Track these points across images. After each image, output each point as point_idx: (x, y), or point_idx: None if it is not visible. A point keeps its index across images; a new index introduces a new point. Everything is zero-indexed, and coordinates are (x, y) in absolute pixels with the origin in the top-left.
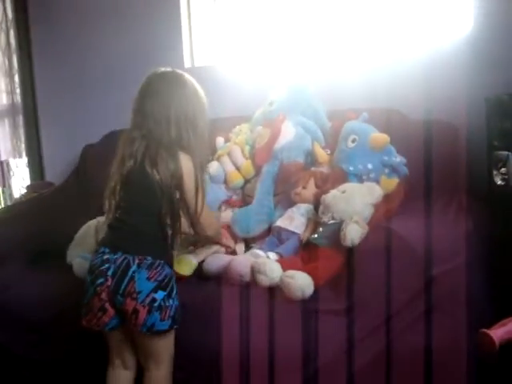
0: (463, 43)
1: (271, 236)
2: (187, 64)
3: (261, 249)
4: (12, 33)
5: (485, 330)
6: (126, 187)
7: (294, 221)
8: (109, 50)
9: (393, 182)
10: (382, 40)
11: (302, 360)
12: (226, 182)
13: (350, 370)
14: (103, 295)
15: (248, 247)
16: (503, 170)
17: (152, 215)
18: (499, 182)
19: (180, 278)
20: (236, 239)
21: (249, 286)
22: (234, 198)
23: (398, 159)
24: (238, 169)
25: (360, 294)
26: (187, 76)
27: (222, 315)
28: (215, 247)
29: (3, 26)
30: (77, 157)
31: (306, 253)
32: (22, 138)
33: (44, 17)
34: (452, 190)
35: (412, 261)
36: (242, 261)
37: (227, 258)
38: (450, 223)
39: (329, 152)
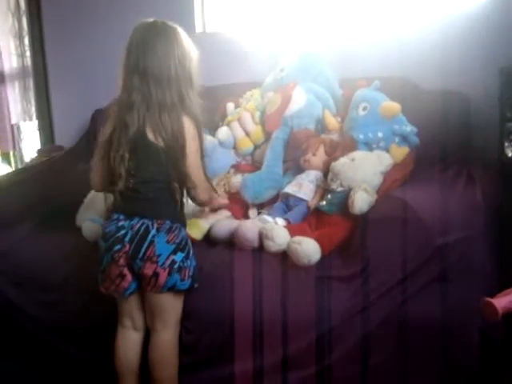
0: (478, 12)
1: (280, 202)
2: (199, 29)
3: (269, 215)
4: None
5: (488, 299)
6: (135, 156)
7: (303, 187)
8: (120, 14)
9: (403, 151)
10: (395, 8)
11: (308, 324)
12: (235, 147)
13: (357, 334)
14: (121, 261)
15: (257, 213)
16: None
17: (163, 182)
18: (510, 154)
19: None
20: (247, 205)
21: (256, 251)
22: (244, 163)
23: (409, 128)
24: (247, 134)
25: (367, 261)
26: (178, 28)
27: (230, 280)
28: (225, 213)
29: None
30: (87, 121)
31: (313, 219)
32: (32, 101)
33: None
34: (463, 161)
35: (420, 230)
36: (250, 226)
37: (235, 222)
38: (460, 194)
39: (339, 120)
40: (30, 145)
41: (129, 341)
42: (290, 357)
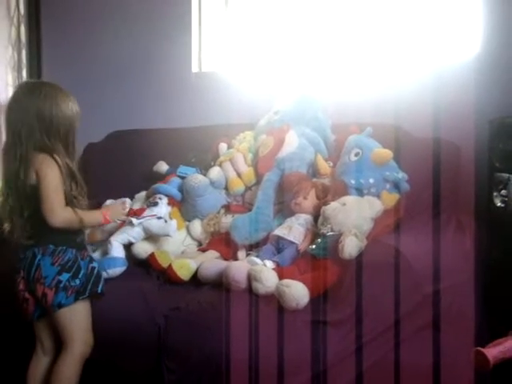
0: (470, 65)
1: (269, 244)
2: (195, 69)
3: (258, 256)
4: (23, 28)
5: (480, 349)
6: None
7: (293, 230)
8: (118, 52)
9: (394, 198)
10: (389, 57)
11: (292, 367)
12: (226, 187)
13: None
14: (21, 286)
15: (246, 254)
16: (504, 192)
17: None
18: (499, 204)
19: (177, 281)
20: (237, 246)
21: (244, 292)
22: (234, 203)
23: (400, 175)
24: (239, 175)
25: (355, 306)
26: (49, 83)
27: (216, 320)
28: (213, 253)
29: (15, 20)
30: (79, 155)
31: (303, 263)
32: None
33: (55, 14)
34: (452, 209)
35: (409, 276)
36: (239, 267)
37: (223, 263)
38: (450, 241)
39: (331, 164)
40: None
41: (37, 366)
42: None
